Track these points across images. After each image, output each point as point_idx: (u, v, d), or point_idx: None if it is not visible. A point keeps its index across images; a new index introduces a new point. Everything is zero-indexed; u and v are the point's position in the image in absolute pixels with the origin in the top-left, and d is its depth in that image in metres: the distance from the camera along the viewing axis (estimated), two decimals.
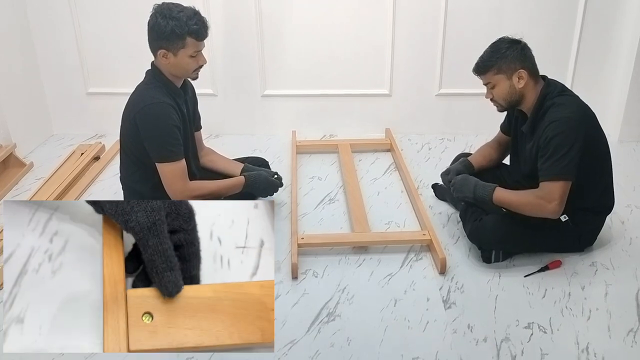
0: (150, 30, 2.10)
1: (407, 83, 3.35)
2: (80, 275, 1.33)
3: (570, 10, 3.14)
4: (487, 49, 2.13)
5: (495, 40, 2.13)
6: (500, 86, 2.09)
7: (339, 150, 3.13)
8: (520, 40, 2.10)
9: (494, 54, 2.08)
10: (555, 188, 1.96)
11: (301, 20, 3.20)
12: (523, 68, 2.05)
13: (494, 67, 2.07)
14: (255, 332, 1.26)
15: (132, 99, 2.18)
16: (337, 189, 2.80)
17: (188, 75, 2.21)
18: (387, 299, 2.01)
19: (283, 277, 2.12)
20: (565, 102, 2.03)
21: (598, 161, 2.09)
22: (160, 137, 2.09)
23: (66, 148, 3.28)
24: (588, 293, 2.02)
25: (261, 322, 1.27)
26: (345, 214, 2.57)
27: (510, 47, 2.07)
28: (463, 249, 2.28)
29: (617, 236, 2.35)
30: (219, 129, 3.44)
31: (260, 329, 1.26)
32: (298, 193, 2.73)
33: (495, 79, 2.09)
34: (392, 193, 2.77)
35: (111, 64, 3.31)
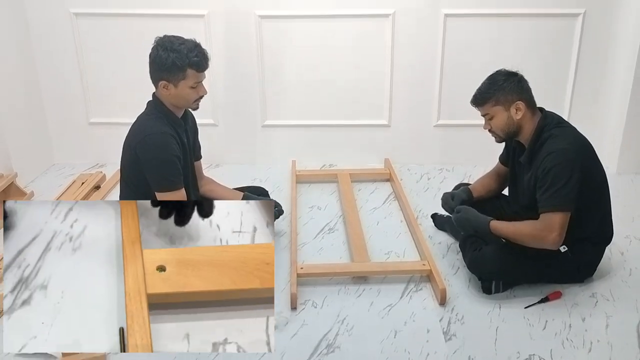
0: (151, 62, 2.14)
1: (405, 114, 3.39)
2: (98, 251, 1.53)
3: (565, 44, 3.19)
4: (484, 81, 2.16)
5: (493, 73, 2.16)
6: (498, 117, 2.12)
7: (339, 180, 3.14)
8: (517, 73, 2.14)
9: (491, 85, 2.12)
10: (555, 219, 1.97)
11: (301, 51, 3.25)
12: (520, 100, 2.08)
13: (492, 99, 2.11)
14: (253, 280, 1.43)
15: (133, 129, 2.20)
16: (336, 219, 2.80)
17: (188, 105, 2.23)
18: (387, 330, 1.99)
19: (282, 307, 2.10)
20: (563, 133, 2.06)
21: (596, 192, 2.10)
22: (160, 167, 2.11)
23: (67, 177, 3.29)
24: (589, 325, 2.01)
25: (259, 273, 1.45)
26: (344, 244, 2.57)
27: (507, 79, 2.10)
28: (463, 280, 2.27)
29: (616, 267, 2.34)
30: (219, 159, 3.46)
31: (259, 277, 1.43)
32: (297, 222, 2.73)
33: (493, 111, 2.12)
34: (392, 223, 2.77)
35: (113, 95, 3.35)
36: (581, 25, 3.13)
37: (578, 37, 3.16)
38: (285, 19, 3.18)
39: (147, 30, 3.12)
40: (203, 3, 3.15)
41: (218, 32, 3.20)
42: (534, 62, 3.20)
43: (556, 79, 3.26)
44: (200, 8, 3.16)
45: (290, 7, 3.16)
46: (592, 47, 3.19)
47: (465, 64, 3.23)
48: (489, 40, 3.20)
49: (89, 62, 3.29)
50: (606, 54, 3.21)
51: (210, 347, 1.37)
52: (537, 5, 3.12)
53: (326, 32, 3.21)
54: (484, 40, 3.19)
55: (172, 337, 1.38)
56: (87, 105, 3.38)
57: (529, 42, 3.20)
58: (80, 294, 1.43)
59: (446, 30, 3.18)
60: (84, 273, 1.48)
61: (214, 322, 1.42)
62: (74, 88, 3.35)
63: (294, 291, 2.11)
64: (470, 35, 3.19)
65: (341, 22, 3.19)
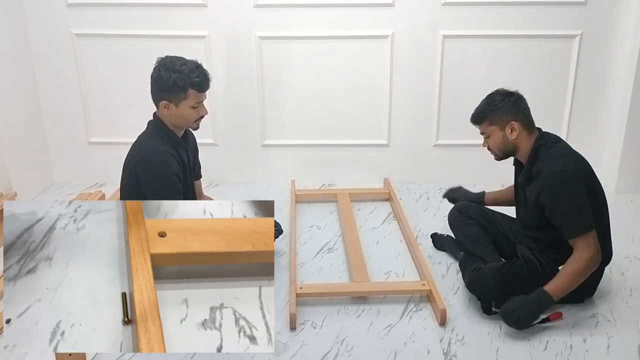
0: (153, 82, 2.15)
1: (404, 133, 3.40)
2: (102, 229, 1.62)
3: (563, 65, 3.22)
4: (483, 100, 2.20)
5: (491, 92, 2.20)
6: (494, 137, 2.16)
7: (338, 200, 3.14)
8: (514, 93, 2.16)
9: (487, 105, 2.16)
10: (587, 241, 2.01)
11: (301, 72, 3.28)
12: (515, 120, 2.11)
13: (487, 119, 2.15)
14: (246, 244, 1.55)
15: (134, 148, 2.20)
16: (336, 238, 2.80)
17: (189, 125, 2.24)
18: (387, 351, 1.98)
19: (281, 327, 2.09)
20: (561, 154, 2.09)
21: (596, 210, 2.09)
22: (160, 186, 2.11)
23: (66, 196, 3.29)
24: (590, 345, 1.99)
25: (251, 238, 1.57)
26: (344, 263, 2.56)
27: (503, 100, 2.13)
28: (463, 300, 2.26)
29: (617, 287, 2.34)
30: (219, 178, 3.46)
31: (251, 242, 1.56)
32: (297, 242, 2.72)
33: (490, 130, 2.17)
34: (391, 242, 2.76)
35: (113, 115, 3.37)
36: (578, 47, 3.16)
37: (575, 58, 3.19)
38: (285, 40, 3.22)
39: (148, 51, 3.17)
40: (204, 24, 3.19)
41: (219, 53, 3.23)
42: (532, 83, 3.22)
43: (554, 99, 3.28)
44: (201, 29, 3.19)
45: (290, 29, 3.20)
46: (589, 68, 3.22)
47: (463, 85, 3.26)
48: (486, 61, 3.23)
49: (89, 82, 3.31)
50: (603, 74, 3.23)
51: (208, 312, 1.45)
52: (535, 27, 3.15)
53: (326, 52, 3.24)
54: (481, 61, 3.22)
55: (172, 302, 1.45)
56: (88, 125, 3.40)
57: (527, 63, 3.23)
58: (84, 265, 1.50)
59: (444, 51, 3.21)
60: (88, 245, 1.56)
61: (211, 290, 1.51)
62: (75, 108, 3.36)
63: (293, 311, 2.10)
64: (468, 57, 3.23)
65: (340, 43, 3.22)
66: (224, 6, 3.15)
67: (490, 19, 3.15)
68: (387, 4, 3.14)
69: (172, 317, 1.42)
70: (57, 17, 3.18)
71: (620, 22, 3.12)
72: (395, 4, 3.14)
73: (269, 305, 1.50)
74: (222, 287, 1.52)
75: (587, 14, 3.12)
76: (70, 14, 3.18)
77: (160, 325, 1.32)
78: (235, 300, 1.49)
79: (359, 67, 3.27)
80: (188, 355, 1.91)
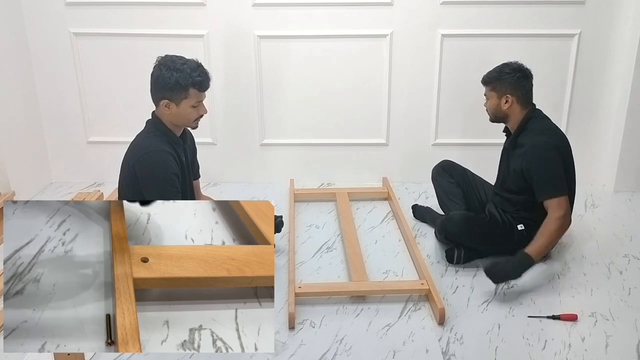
0: (154, 81, 2.15)
1: (403, 132, 3.40)
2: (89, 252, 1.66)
3: (562, 64, 3.22)
4: (497, 66, 2.46)
5: (506, 62, 2.45)
6: (491, 101, 2.46)
7: (337, 199, 3.14)
8: (523, 70, 2.42)
9: (496, 73, 2.43)
10: (559, 203, 2.28)
11: (299, 71, 3.28)
12: (512, 94, 2.39)
13: (491, 84, 2.44)
14: (221, 270, 1.62)
15: (132, 147, 2.20)
16: (334, 237, 2.80)
17: (189, 124, 2.24)
18: (386, 350, 1.98)
19: (280, 327, 2.09)
20: (546, 129, 2.37)
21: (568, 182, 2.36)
22: (158, 185, 2.11)
23: (64, 196, 3.28)
24: (588, 344, 1.99)
25: (226, 265, 1.64)
26: (342, 263, 2.56)
27: (510, 73, 2.39)
28: (462, 299, 2.26)
29: (615, 286, 2.34)
30: (217, 177, 3.46)
31: (226, 269, 1.62)
32: (295, 241, 2.72)
33: (490, 94, 2.46)
34: (390, 242, 2.76)
35: (112, 114, 3.37)
36: (577, 46, 3.17)
37: (574, 57, 3.19)
38: (284, 39, 3.21)
39: (146, 50, 3.17)
40: (202, 23, 3.18)
41: (217, 52, 3.23)
42: None
43: (553, 98, 3.28)
44: (200, 28, 3.19)
45: (289, 28, 3.19)
46: (588, 68, 3.22)
47: (462, 84, 3.26)
48: (485, 60, 3.21)
49: (88, 82, 3.31)
50: (602, 74, 3.24)
51: (187, 333, 1.51)
52: (534, 26, 3.15)
53: (324, 52, 3.24)
54: (480, 60, 3.22)
55: (154, 324, 1.51)
56: (86, 124, 3.40)
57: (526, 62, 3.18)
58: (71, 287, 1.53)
59: (443, 50, 3.21)
60: (75, 268, 1.59)
61: (191, 312, 1.58)
62: (73, 107, 3.36)
63: (292, 311, 2.10)
64: (467, 56, 3.22)
65: (339, 42, 3.22)
66: (222, 5, 3.15)
67: (489, 18, 3.15)
68: (385, 3, 3.14)
69: (154, 337, 1.47)
70: (55, 16, 3.18)
71: (618, 22, 3.12)
72: (394, 3, 3.13)
73: (244, 326, 1.56)
74: (201, 310, 1.59)
75: (586, 13, 3.12)
76: (69, 13, 3.18)
77: (139, 347, 1.35)
78: (213, 321, 1.55)
79: (358, 66, 3.27)
80: (187, 355, 1.91)
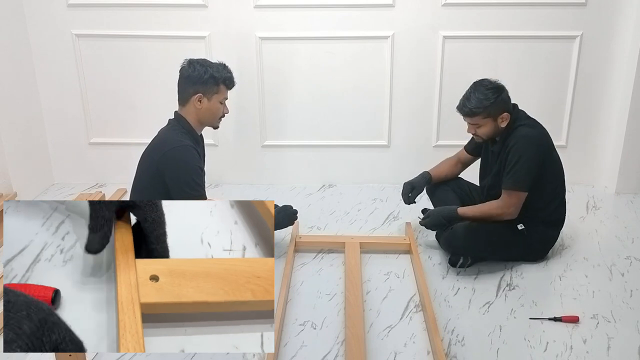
0: (185, 79, 2.25)
1: (405, 135, 3.40)
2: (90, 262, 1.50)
3: (563, 66, 3.22)
4: (472, 93, 2.36)
5: (478, 85, 2.38)
6: (486, 127, 2.39)
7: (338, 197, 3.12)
8: (500, 85, 2.37)
9: (482, 101, 2.33)
10: (512, 197, 2.33)
11: (301, 72, 3.28)
12: (507, 111, 2.36)
13: (483, 113, 2.34)
14: (246, 292, 1.41)
15: (155, 142, 2.25)
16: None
17: (214, 122, 2.36)
18: (387, 352, 1.97)
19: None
20: (530, 125, 2.37)
21: (556, 179, 2.43)
22: (187, 175, 2.18)
23: (66, 197, 3.29)
24: (590, 347, 1.99)
25: (250, 285, 1.43)
26: (344, 264, 2.56)
27: (496, 93, 2.33)
28: (463, 301, 2.26)
29: (617, 288, 2.34)
30: (219, 179, 3.46)
31: (250, 290, 1.42)
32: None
33: (483, 122, 2.37)
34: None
35: (113, 115, 3.37)
36: (578, 48, 3.16)
37: (576, 59, 3.19)
38: (285, 41, 3.22)
39: (148, 52, 3.17)
40: (204, 25, 3.19)
41: (219, 53, 3.23)
42: (532, 84, 3.23)
43: (554, 100, 3.28)
44: (202, 30, 3.19)
45: (291, 29, 3.20)
46: (590, 69, 3.22)
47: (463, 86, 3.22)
48: (487, 62, 3.23)
49: (90, 83, 3.31)
50: (604, 76, 3.23)
51: None
52: (535, 27, 3.15)
53: (326, 53, 3.24)
54: (482, 62, 3.22)
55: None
56: (88, 126, 3.40)
57: (527, 64, 3.23)
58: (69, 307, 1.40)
59: (444, 52, 3.21)
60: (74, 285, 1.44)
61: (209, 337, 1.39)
62: (75, 108, 3.37)
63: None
64: (468, 57, 3.22)
65: (341, 44, 3.23)
66: (224, 7, 3.16)
67: (490, 20, 3.15)
68: (387, 5, 3.14)
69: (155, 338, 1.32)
70: (57, 17, 3.19)
71: (620, 23, 3.12)
72: (395, 4, 3.14)
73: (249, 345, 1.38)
74: (221, 333, 1.39)
75: (588, 15, 3.12)
76: (71, 15, 3.19)
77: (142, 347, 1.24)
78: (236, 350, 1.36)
79: (359, 68, 3.27)
80: (188, 356, 1.91)
